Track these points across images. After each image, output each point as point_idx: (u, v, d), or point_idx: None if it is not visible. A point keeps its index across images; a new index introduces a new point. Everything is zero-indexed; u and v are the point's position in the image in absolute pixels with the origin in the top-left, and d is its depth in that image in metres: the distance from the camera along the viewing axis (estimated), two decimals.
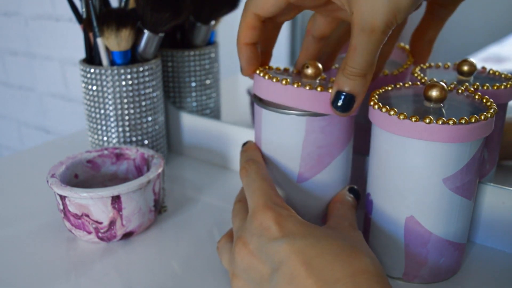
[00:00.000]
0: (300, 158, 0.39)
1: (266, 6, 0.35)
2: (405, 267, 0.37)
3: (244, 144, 0.42)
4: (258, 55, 0.39)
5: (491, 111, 0.33)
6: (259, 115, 0.40)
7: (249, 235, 0.32)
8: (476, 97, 0.37)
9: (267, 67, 0.42)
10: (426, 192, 0.35)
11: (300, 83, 0.36)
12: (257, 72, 0.39)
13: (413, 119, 0.33)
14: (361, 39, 0.31)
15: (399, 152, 0.35)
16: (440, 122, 0.32)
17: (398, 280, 0.38)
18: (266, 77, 0.37)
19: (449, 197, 0.35)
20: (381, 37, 0.31)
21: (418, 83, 0.40)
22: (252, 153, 0.39)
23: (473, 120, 0.32)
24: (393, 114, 0.34)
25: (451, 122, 0.32)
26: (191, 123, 0.61)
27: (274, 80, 0.37)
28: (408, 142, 0.34)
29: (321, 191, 0.40)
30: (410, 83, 0.40)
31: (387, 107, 0.34)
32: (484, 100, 0.36)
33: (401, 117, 0.33)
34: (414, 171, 0.34)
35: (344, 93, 0.34)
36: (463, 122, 0.32)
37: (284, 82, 0.36)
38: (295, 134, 0.38)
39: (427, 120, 0.32)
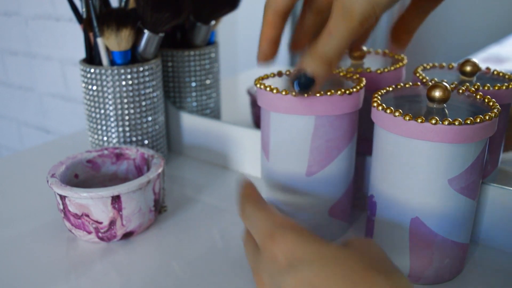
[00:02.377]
0: (309, 152, 0.39)
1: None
2: (410, 268, 0.37)
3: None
4: (274, 52, 0.39)
5: (495, 111, 0.33)
6: (266, 111, 0.41)
7: (262, 271, 0.30)
8: (478, 97, 0.37)
9: (264, 76, 0.42)
10: (432, 193, 0.35)
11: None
12: (261, 86, 0.39)
13: (419, 120, 0.33)
14: (339, 25, 0.32)
15: (404, 153, 0.35)
16: (446, 123, 0.32)
17: None
18: (275, 91, 0.38)
19: (454, 197, 0.35)
20: (358, 27, 0.32)
21: (419, 83, 0.40)
22: (245, 191, 0.35)
23: (478, 120, 0.32)
24: (398, 115, 0.33)
25: (457, 123, 0.32)
26: (191, 123, 0.61)
27: (283, 92, 0.37)
28: (414, 143, 0.34)
29: (329, 184, 0.41)
30: (410, 83, 0.40)
31: (392, 108, 0.34)
32: (486, 100, 0.36)
33: (407, 118, 0.33)
34: (420, 172, 0.34)
35: (306, 75, 0.34)
36: (468, 122, 0.32)
37: (294, 93, 0.37)
38: (304, 129, 0.39)
39: (433, 121, 0.32)
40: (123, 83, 0.52)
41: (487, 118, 0.33)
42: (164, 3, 0.50)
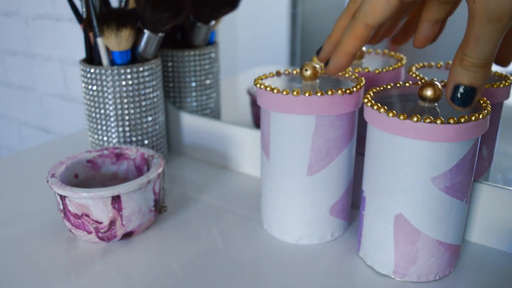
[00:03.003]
0: (309, 151, 0.39)
1: (376, 14, 0.34)
2: (394, 265, 0.38)
3: None
4: (350, 64, 0.38)
5: (484, 112, 0.33)
6: (267, 111, 0.41)
7: None
8: None
9: (262, 76, 0.42)
10: (415, 191, 0.35)
11: (311, 92, 0.37)
12: (261, 86, 0.39)
13: (401, 117, 0.33)
14: (487, 28, 0.30)
15: (388, 149, 0.35)
16: (428, 121, 0.32)
17: (388, 277, 0.38)
18: (275, 91, 0.38)
19: (438, 196, 0.35)
20: (508, 24, 0.30)
21: (419, 82, 0.40)
22: None
23: (462, 120, 0.32)
24: (383, 111, 0.34)
25: (438, 122, 0.32)
26: (191, 123, 0.61)
27: (284, 92, 0.37)
28: (397, 140, 0.34)
29: (330, 183, 0.41)
30: (410, 82, 0.40)
31: (378, 104, 0.35)
32: (481, 101, 0.36)
33: (390, 114, 0.33)
34: (403, 169, 0.35)
35: (464, 86, 0.32)
36: (451, 122, 0.32)
37: (295, 93, 0.37)
38: (305, 128, 0.39)
39: (415, 119, 0.32)
40: (123, 83, 0.52)
41: (473, 118, 0.32)
42: (164, 3, 0.50)
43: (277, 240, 0.44)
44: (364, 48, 0.47)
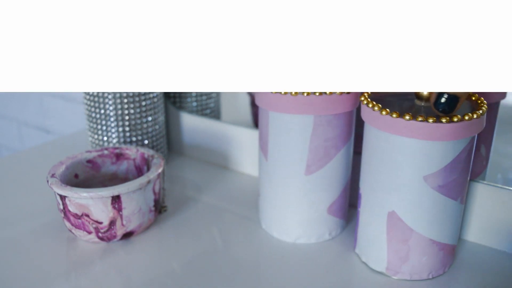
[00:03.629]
0: (308, 151, 0.40)
1: None
2: (387, 262, 0.38)
3: None
4: None
5: (479, 112, 0.33)
6: (265, 110, 0.41)
7: None
8: (473, 98, 0.37)
9: None
10: (407, 189, 0.35)
11: (309, 91, 0.37)
12: None
13: (394, 115, 0.33)
14: None
15: (383, 147, 0.35)
16: (420, 120, 0.32)
17: (381, 274, 0.39)
18: (273, 90, 0.38)
19: (431, 195, 0.35)
20: None
21: None
22: None
23: (455, 119, 0.32)
24: (377, 110, 0.34)
25: (431, 120, 0.32)
26: (191, 123, 0.61)
27: (283, 92, 0.38)
28: (391, 138, 0.34)
29: (328, 182, 0.41)
30: None
31: (373, 102, 0.35)
32: (479, 101, 0.36)
33: (383, 112, 0.34)
34: (396, 166, 0.35)
35: (447, 94, 0.32)
36: (443, 121, 0.32)
37: (294, 93, 0.37)
38: (303, 128, 0.39)
39: (407, 117, 0.32)
40: None
41: (466, 118, 0.33)
42: None
43: (275, 240, 0.44)
44: None
